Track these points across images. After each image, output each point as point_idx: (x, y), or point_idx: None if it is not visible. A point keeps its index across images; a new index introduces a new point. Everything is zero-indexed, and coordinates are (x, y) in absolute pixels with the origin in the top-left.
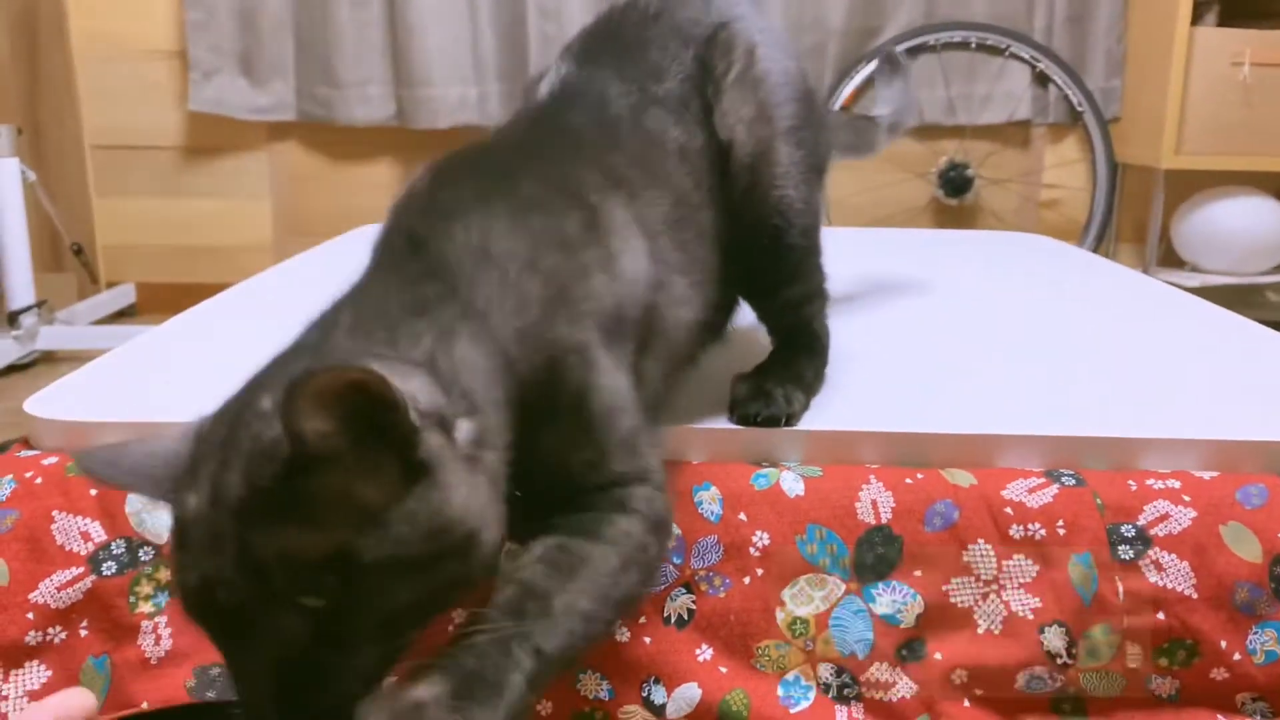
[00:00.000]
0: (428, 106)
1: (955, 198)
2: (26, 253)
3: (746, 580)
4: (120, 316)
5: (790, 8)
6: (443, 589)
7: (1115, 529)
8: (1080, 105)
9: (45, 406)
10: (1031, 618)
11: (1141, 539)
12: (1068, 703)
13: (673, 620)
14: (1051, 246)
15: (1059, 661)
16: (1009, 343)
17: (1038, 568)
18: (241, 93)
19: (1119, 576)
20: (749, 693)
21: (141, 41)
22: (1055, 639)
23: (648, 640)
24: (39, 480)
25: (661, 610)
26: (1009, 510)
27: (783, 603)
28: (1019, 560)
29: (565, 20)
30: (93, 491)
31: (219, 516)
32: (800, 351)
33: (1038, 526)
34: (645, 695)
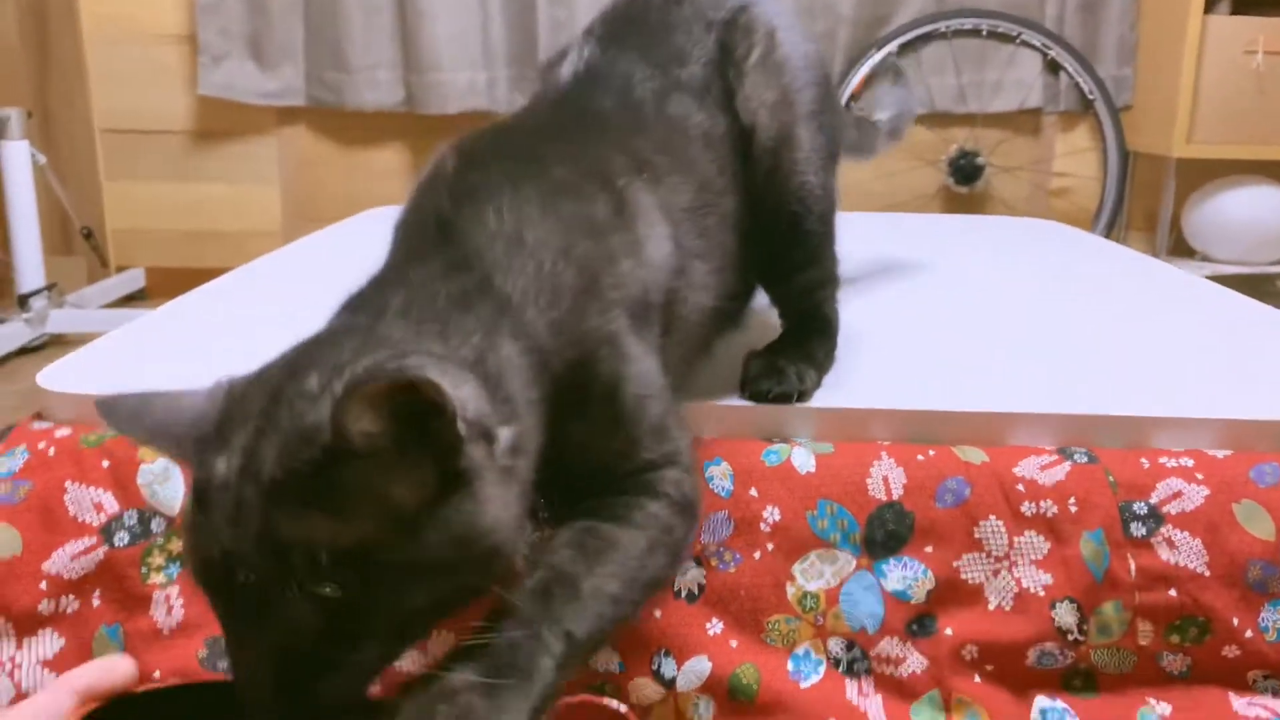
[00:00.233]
0: (437, 91)
1: (965, 185)
2: (37, 236)
3: (757, 555)
4: (129, 300)
5: None
6: (457, 595)
7: (1128, 506)
8: (1092, 93)
9: (58, 379)
10: (1043, 594)
11: (1154, 516)
12: (1079, 678)
13: (683, 594)
14: (1063, 232)
15: (1070, 638)
16: (1021, 323)
17: (1049, 544)
18: (251, 77)
19: (1131, 553)
20: (759, 666)
21: (151, 25)
22: (1066, 615)
23: (658, 614)
24: (52, 451)
25: (672, 584)
26: (1021, 487)
27: (793, 578)
28: (1030, 537)
29: (575, 5)
30: (105, 463)
31: (247, 489)
32: (812, 333)
33: (1050, 503)
34: (655, 668)
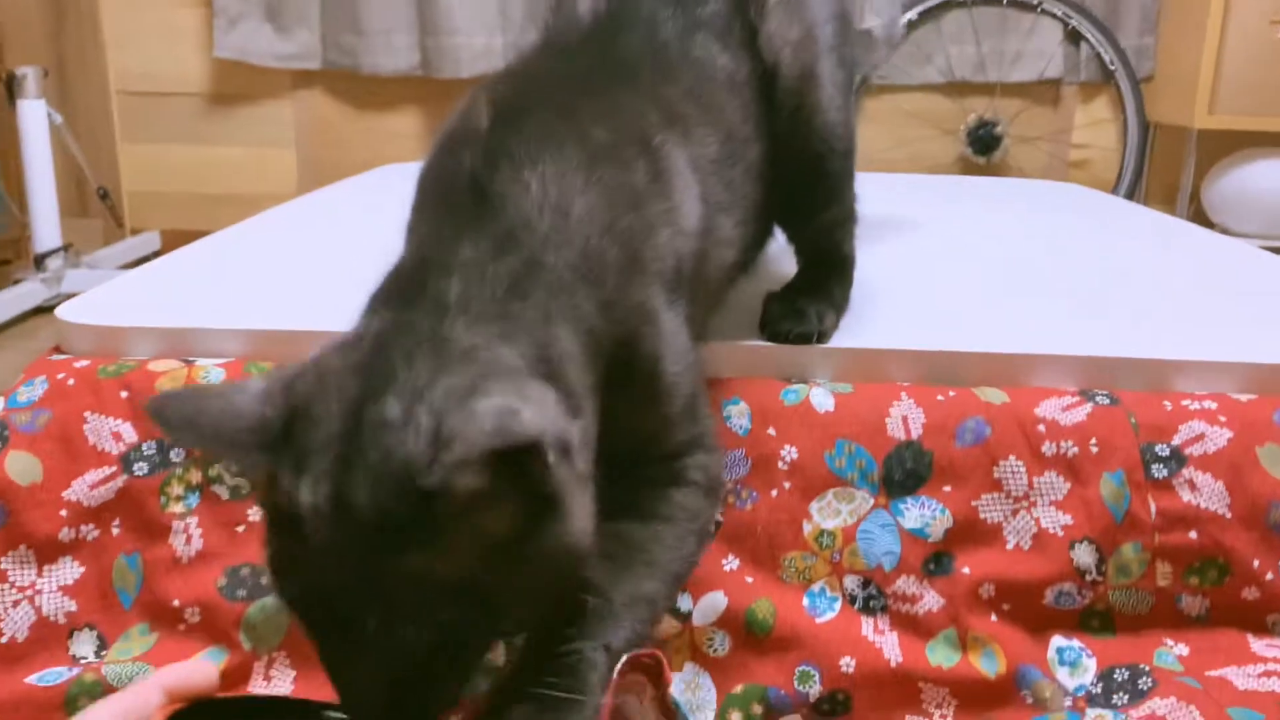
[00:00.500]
0: (452, 55)
1: (983, 156)
2: (53, 195)
3: (774, 493)
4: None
5: None
6: (547, 603)
7: (1149, 448)
8: (1112, 63)
9: (77, 312)
10: (1062, 534)
11: (1176, 458)
12: (1096, 619)
13: None
14: (1086, 193)
15: (1088, 578)
16: (1044, 271)
17: (1069, 485)
18: (266, 40)
19: (1152, 495)
20: (775, 602)
21: None
22: (1085, 555)
23: None
24: (71, 382)
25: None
26: (1041, 428)
27: (810, 515)
28: (1050, 477)
29: None
30: (123, 394)
31: (343, 524)
32: (830, 272)
33: (1070, 444)
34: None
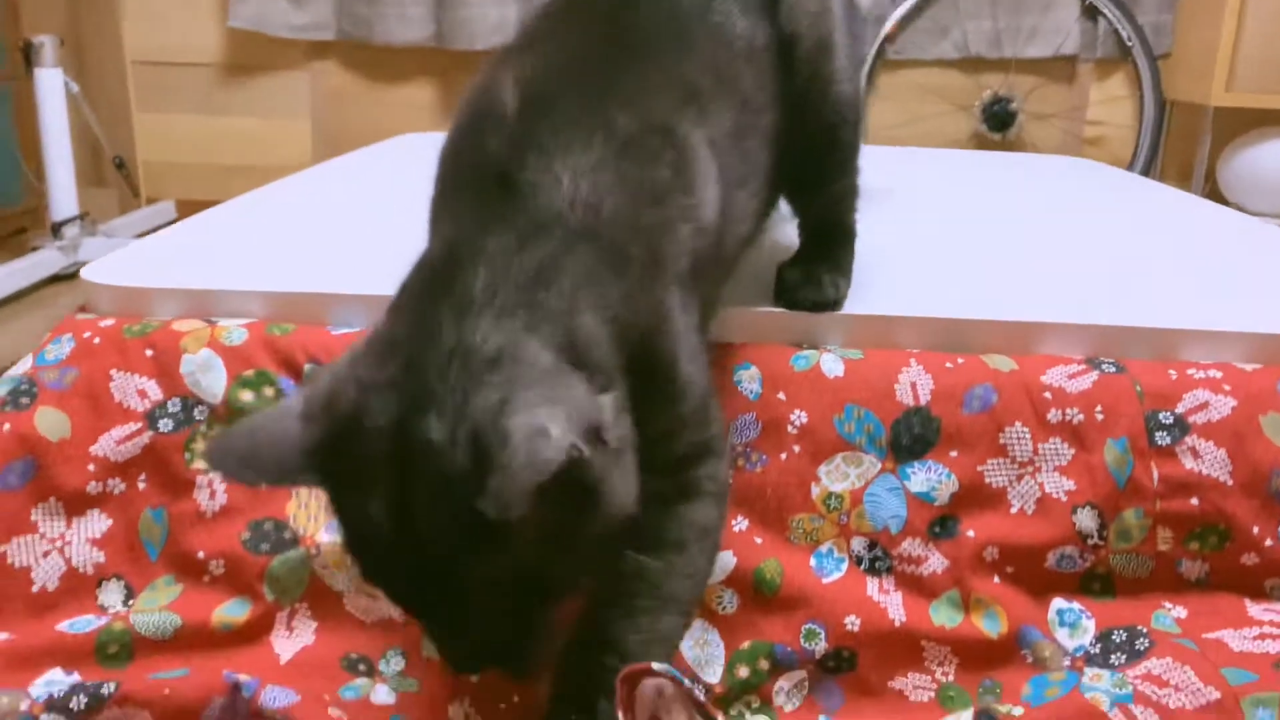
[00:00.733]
0: (466, 27)
1: (998, 132)
2: (70, 163)
3: (783, 456)
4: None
5: None
6: (603, 566)
7: (1154, 415)
8: (1130, 40)
9: (102, 273)
10: (1065, 499)
11: (1180, 426)
12: (1097, 582)
13: None
14: (1099, 168)
15: (1090, 542)
16: (1054, 241)
17: (1073, 451)
18: (281, 10)
19: (1155, 462)
20: (783, 562)
21: None
22: (1087, 520)
23: None
24: (97, 340)
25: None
26: (1048, 395)
27: (818, 478)
28: (1055, 443)
29: None
30: (149, 352)
31: (410, 540)
32: (837, 241)
33: (1076, 411)
34: None
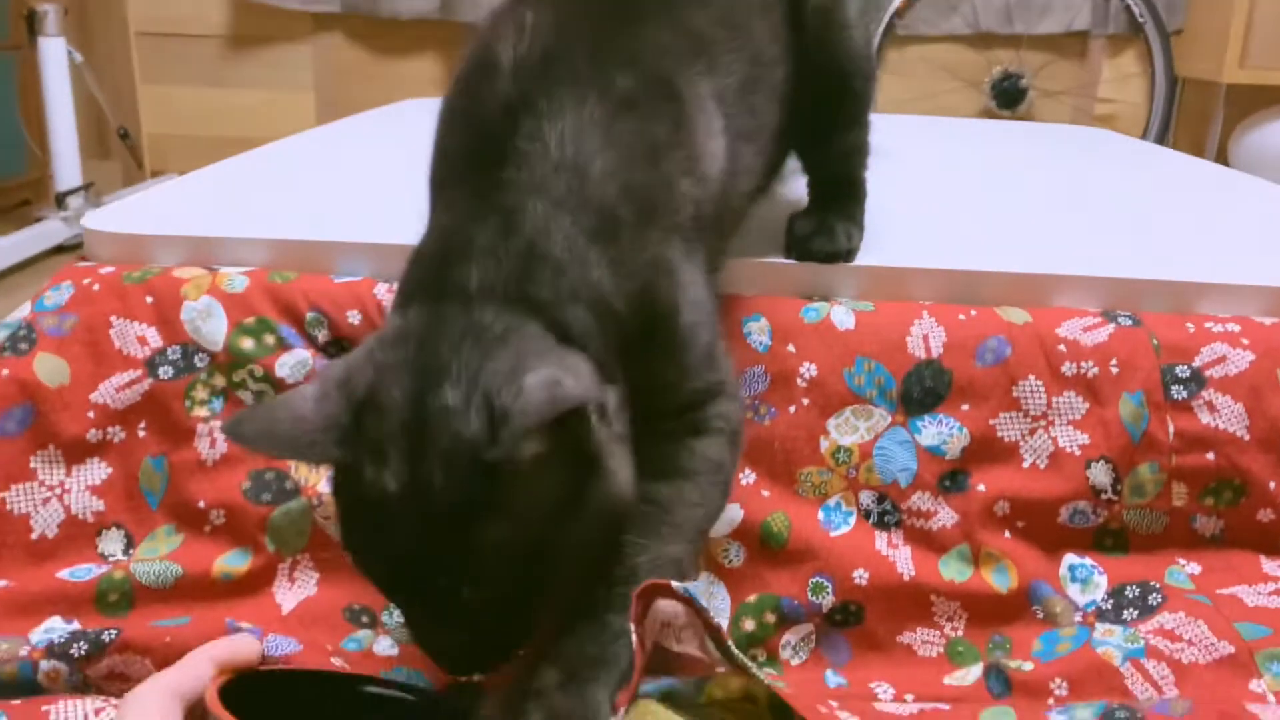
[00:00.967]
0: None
1: (1008, 109)
2: (74, 134)
3: (792, 409)
4: None
5: None
6: (603, 554)
7: (1170, 369)
8: (1142, 16)
9: (103, 220)
10: (1079, 454)
11: (1196, 380)
12: (1110, 538)
13: None
14: (1113, 137)
15: (1103, 497)
16: (1070, 196)
17: (1088, 405)
18: None
19: (1170, 416)
20: (790, 515)
21: None
22: (1101, 475)
23: None
24: (96, 287)
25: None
26: (1062, 348)
27: (827, 432)
28: (1069, 397)
29: None
30: (149, 299)
31: (423, 506)
32: (849, 194)
33: (1091, 364)
34: None
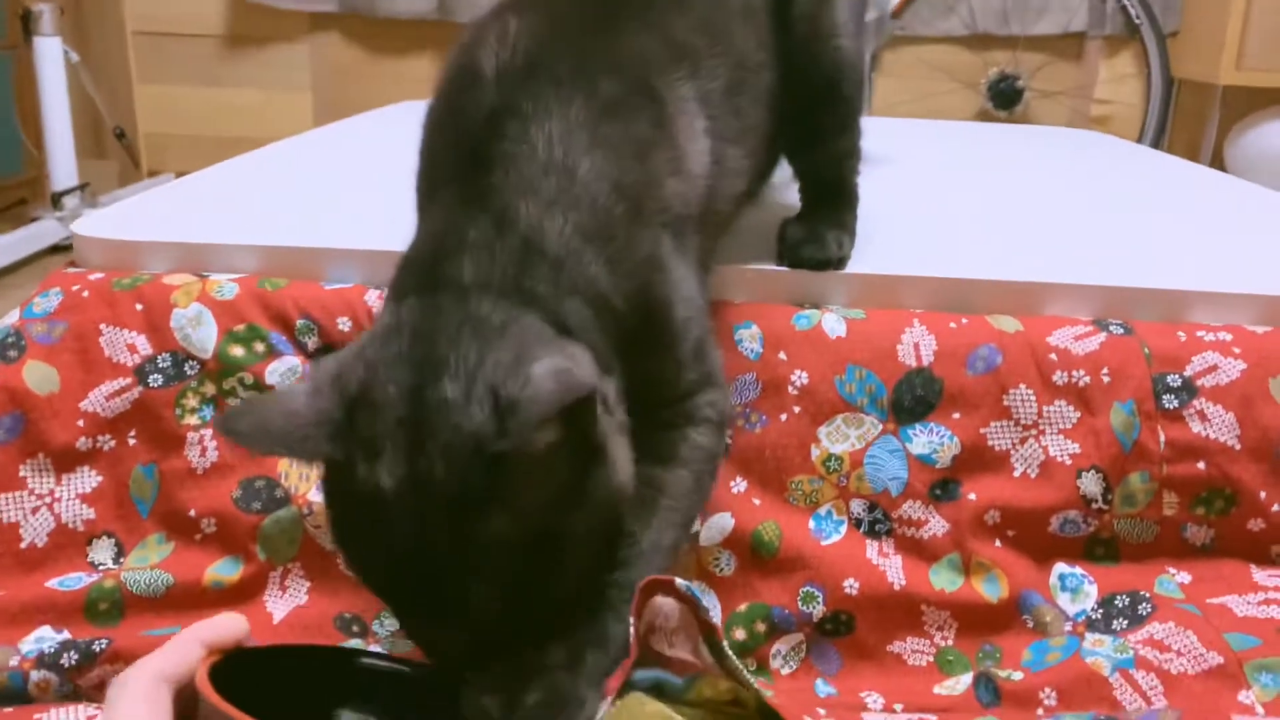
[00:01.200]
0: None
1: (1004, 110)
2: (69, 133)
3: (783, 417)
4: None
5: None
6: (604, 544)
7: (1161, 378)
8: (1138, 17)
9: (92, 226)
10: (1069, 463)
11: (1187, 389)
12: (1100, 547)
13: None
14: (1107, 140)
15: (1094, 506)
16: (1062, 204)
17: (1079, 414)
18: None
19: (1162, 425)
20: (781, 524)
21: None
22: (1092, 484)
23: None
24: (86, 294)
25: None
26: (1053, 356)
27: (818, 440)
28: (1060, 406)
29: None
30: (138, 306)
31: (424, 500)
32: (840, 201)
33: (1082, 373)
34: None
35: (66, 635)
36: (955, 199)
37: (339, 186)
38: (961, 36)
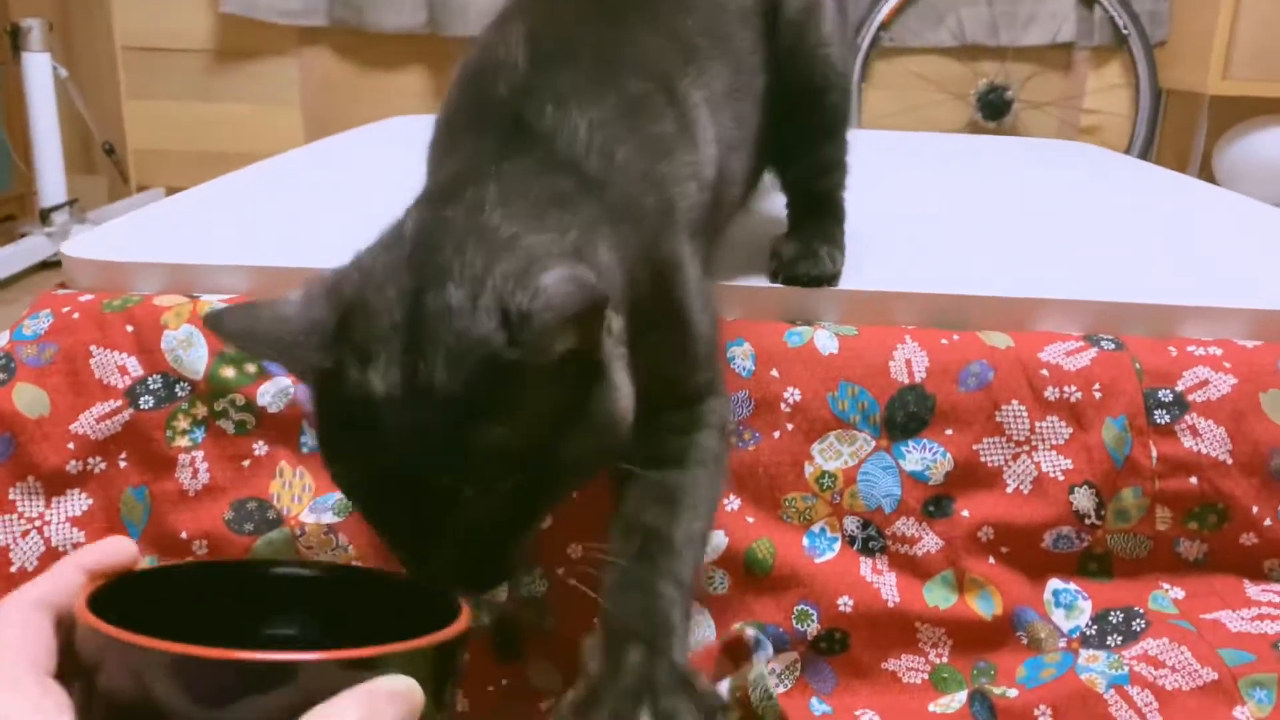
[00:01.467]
0: (460, 14)
1: (993, 121)
2: (58, 149)
3: (776, 435)
4: None
5: None
6: (595, 473)
7: (1153, 393)
8: (1126, 28)
9: (82, 248)
10: (1062, 479)
11: (1179, 404)
12: (1094, 562)
13: None
14: (1096, 151)
15: (1087, 522)
16: (1052, 218)
17: (1071, 429)
18: None
19: (1153, 440)
20: (775, 542)
21: None
22: (1085, 500)
23: None
24: (76, 315)
25: None
26: (1045, 372)
27: (811, 457)
28: (1052, 422)
29: None
30: (129, 327)
31: (421, 406)
32: (828, 216)
33: (1073, 389)
34: None
35: None
36: (945, 213)
37: (329, 205)
38: (950, 48)
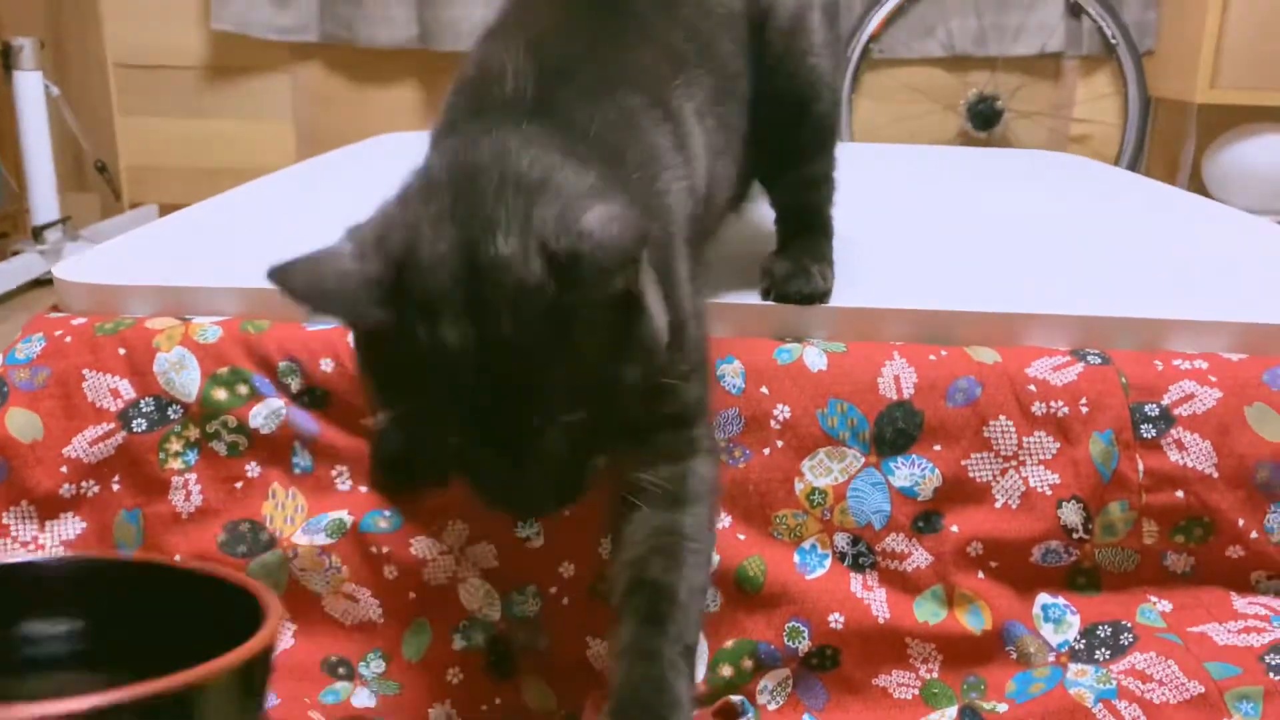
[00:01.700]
0: (451, 28)
1: (983, 131)
2: (50, 167)
3: (766, 451)
4: None
5: None
6: (641, 397)
7: (1139, 408)
8: (1114, 38)
9: (74, 271)
10: (1050, 493)
11: (1165, 418)
12: (1082, 576)
13: None
14: (1085, 163)
15: (1075, 536)
16: (1038, 233)
17: (1058, 444)
18: (264, 12)
19: (1140, 454)
20: (766, 559)
21: None
22: (1072, 514)
23: None
24: (68, 339)
25: None
26: (1032, 387)
27: (801, 474)
28: (1040, 437)
29: None
30: (121, 351)
31: (494, 358)
32: (817, 232)
33: (1060, 404)
34: None
35: None
36: (932, 228)
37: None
38: (940, 58)
